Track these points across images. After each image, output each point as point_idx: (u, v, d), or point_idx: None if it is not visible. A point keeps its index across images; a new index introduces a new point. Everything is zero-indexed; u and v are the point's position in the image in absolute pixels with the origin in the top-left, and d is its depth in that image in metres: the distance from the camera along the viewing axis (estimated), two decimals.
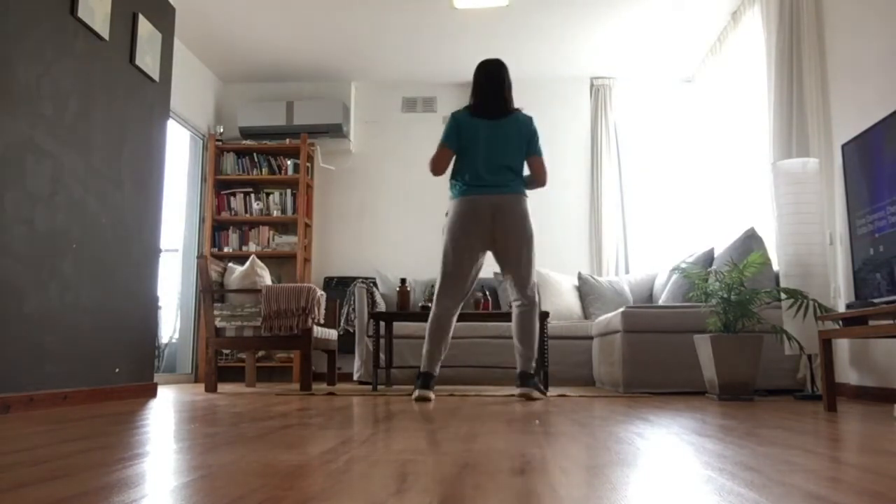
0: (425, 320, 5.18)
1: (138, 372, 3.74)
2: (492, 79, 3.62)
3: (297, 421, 2.30)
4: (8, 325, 2.75)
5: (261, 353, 6.15)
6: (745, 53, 5.12)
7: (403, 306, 4.71)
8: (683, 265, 4.49)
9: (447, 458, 1.44)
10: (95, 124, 3.40)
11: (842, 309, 3.69)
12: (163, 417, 2.51)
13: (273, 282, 5.02)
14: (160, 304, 5.08)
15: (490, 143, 3.52)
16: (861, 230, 3.09)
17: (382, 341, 5.06)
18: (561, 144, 6.60)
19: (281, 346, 4.68)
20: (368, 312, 5.15)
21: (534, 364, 3.51)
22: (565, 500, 1.03)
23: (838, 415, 2.67)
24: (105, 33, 3.46)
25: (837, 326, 3.18)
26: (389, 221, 6.77)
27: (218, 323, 4.56)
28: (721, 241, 4.97)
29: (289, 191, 6.58)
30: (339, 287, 6.45)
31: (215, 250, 6.42)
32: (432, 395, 3.43)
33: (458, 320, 5.27)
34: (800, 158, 3.85)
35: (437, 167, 3.60)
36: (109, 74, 3.54)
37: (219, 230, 6.54)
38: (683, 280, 4.46)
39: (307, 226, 6.61)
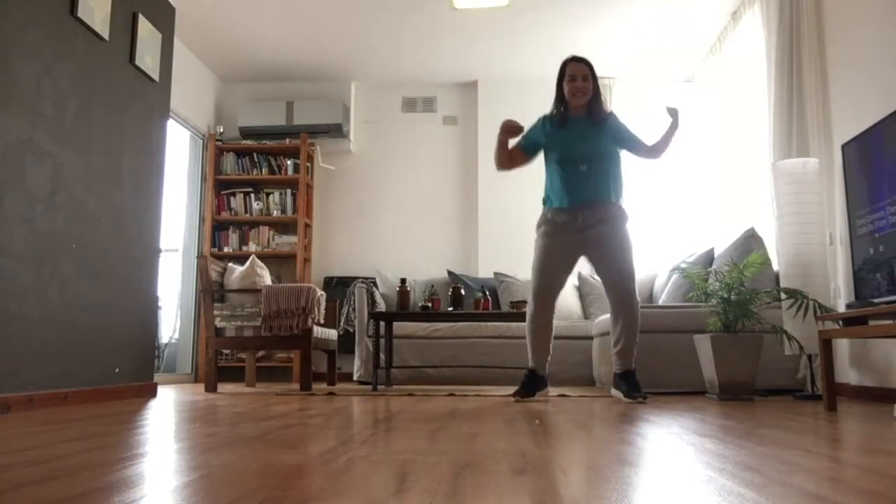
0: (425, 320, 5.20)
1: (138, 372, 3.74)
2: None
3: (297, 421, 2.30)
4: (8, 325, 2.75)
5: (261, 353, 6.15)
6: (745, 53, 5.12)
7: (403, 306, 4.70)
8: (683, 265, 4.49)
9: (447, 458, 1.44)
10: (95, 124, 3.40)
11: (842, 309, 3.69)
12: (163, 417, 2.51)
13: (273, 282, 5.02)
14: (160, 304, 5.08)
15: None
16: (861, 230, 3.09)
17: (382, 341, 5.06)
18: None
19: (281, 346, 4.68)
20: (368, 312, 5.14)
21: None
22: (565, 500, 1.03)
23: (838, 415, 2.67)
24: (105, 33, 3.46)
25: (837, 326, 3.18)
26: (389, 221, 6.77)
27: (218, 323, 4.56)
28: (721, 241, 4.96)
29: (289, 191, 6.58)
30: (339, 287, 6.45)
31: (215, 250, 6.42)
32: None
33: (457, 320, 5.31)
34: (800, 158, 3.84)
35: None
36: (109, 74, 3.54)
37: (219, 230, 6.53)
38: (683, 280, 4.46)
39: (307, 226, 6.60)
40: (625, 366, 3.48)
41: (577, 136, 3.54)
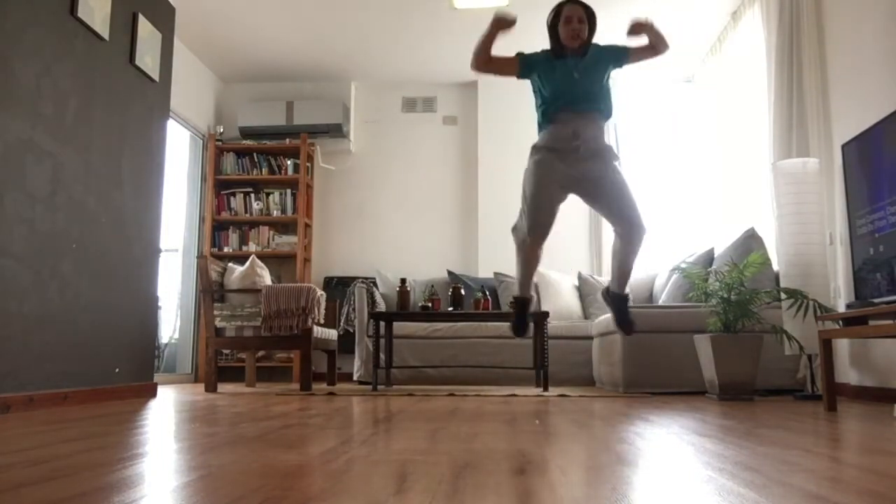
0: (425, 320, 5.20)
1: (138, 372, 3.74)
2: None
3: (297, 421, 2.30)
4: (8, 325, 2.75)
5: (261, 353, 6.15)
6: (745, 53, 5.12)
7: (403, 306, 4.70)
8: (683, 265, 4.49)
9: (447, 458, 1.44)
10: (95, 124, 3.40)
11: (842, 309, 3.69)
12: (163, 417, 2.51)
13: (273, 282, 5.02)
14: (160, 304, 5.08)
15: None
16: (861, 230, 3.09)
17: (382, 341, 5.06)
18: None
19: (281, 346, 4.67)
20: (368, 312, 5.15)
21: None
22: (565, 499, 1.03)
23: (838, 415, 2.67)
24: (105, 33, 3.46)
25: (837, 326, 3.18)
26: (389, 221, 6.77)
27: (218, 323, 4.56)
28: (721, 241, 4.96)
29: (289, 191, 6.58)
30: (339, 287, 6.45)
31: (215, 250, 6.42)
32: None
33: (457, 320, 5.31)
34: (800, 158, 3.84)
35: None
36: (109, 74, 3.53)
37: (219, 230, 6.53)
38: (683, 280, 4.46)
39: (307, 226, 6.60)
40: (619, 286, 3.40)
41: (569, 68, 3.43)
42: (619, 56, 3.53)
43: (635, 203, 3.32)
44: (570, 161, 3.32)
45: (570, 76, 3.41)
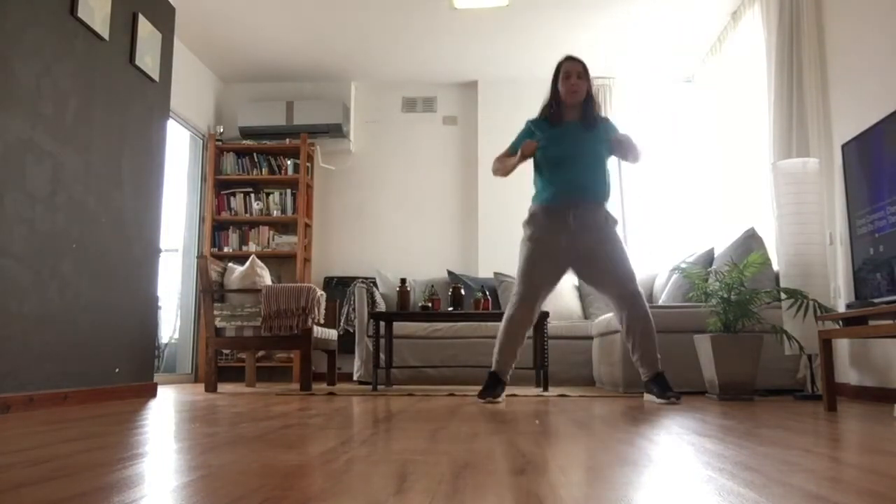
0: (425, 320, 5.20)
1: (138, 372, 3.74)
2: None
3: (297, 421, 2.30)
4: (8, 325, 2.75)
5: (261, 353, 6.15)
6: (745, 53, 5.12)
7: (403, 306, 4.70)
8: (683, 265, 4.48)
9: (447, 458, 1.44)
10: (95, 124, 3.40)
11: (842, 309, 3.69)
12: (163, 417, 2.51)
13: (273, 282, 5.02)
14: (160, 304, 5.08)
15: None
16: (861, 230, 3.09)
17: (382, 341, 5.06)
18: None
19: (281, 346, 4.67)
20: (368, 312, 5.14)
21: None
22: (565, 500, 1.03)
23: (838, 415, 2.67)
24: (105, 33, 3.46)
25: (837, 326, 3.18)
26: (389, 221, 6.77)
27: (218, 323, 4.56)
28: (721, 241, 4.96)
29: (289, 191, 6.58)
30: (339, 287, 6.45)
31: (215, 250, 6.42)
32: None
33: (457, 320, 5.31)
34: (800, 158, 3.84)
35: None
36: (109, 74, 3.53)
37: (219, 230, 6.53)
38: (683, 280, 4.46)
39: (307, 226, 6.60)
40: (652, 370, 3.36)
41: (569, 137, 3.45)
42: (610, 135, 3.51)
43: (633, 274, 3.38)
44: (562, 236, 3.38)
45: (570, 146, 3.44)
